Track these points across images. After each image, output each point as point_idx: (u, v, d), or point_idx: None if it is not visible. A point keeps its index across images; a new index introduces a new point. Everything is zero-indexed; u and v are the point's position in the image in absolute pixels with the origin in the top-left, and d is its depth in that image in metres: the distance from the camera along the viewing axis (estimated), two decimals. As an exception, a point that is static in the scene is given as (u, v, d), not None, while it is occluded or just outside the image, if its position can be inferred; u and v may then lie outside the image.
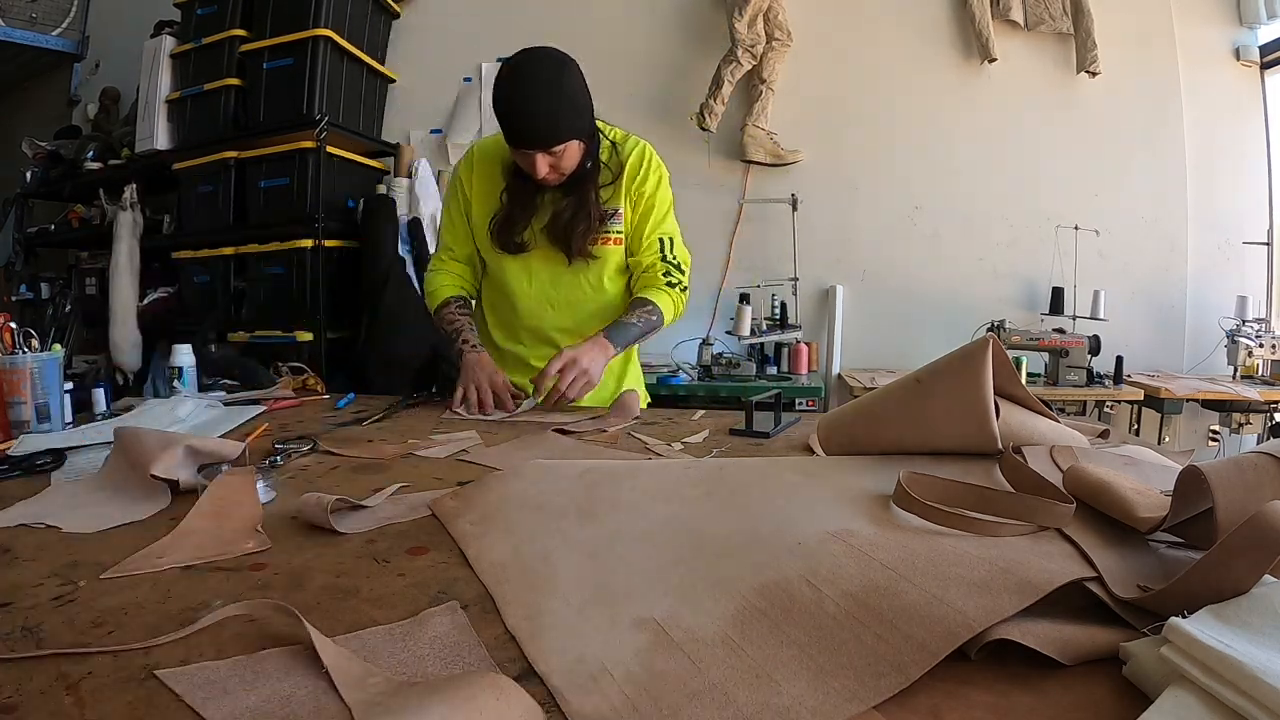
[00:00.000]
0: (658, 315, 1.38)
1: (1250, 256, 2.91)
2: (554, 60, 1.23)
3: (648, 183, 1.41)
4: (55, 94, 4.16)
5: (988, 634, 0.38)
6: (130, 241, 3.14)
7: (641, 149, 1.42)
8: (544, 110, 1.21)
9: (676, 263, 1.45)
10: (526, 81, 1.21)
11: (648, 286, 1.42)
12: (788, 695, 0.36)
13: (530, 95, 1.20)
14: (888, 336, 3.05)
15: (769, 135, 3.03)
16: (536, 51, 1.24)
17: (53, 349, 1.15)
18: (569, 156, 1.26)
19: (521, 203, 1.36)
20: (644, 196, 1.41)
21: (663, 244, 1.44)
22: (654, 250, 1.43)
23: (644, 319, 1.37)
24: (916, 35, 3.02)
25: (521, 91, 1.21)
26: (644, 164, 1.41)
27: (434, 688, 0.35)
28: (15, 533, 0.64)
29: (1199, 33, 2.89)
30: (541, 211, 1.36)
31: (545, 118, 1.21)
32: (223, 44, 3.01)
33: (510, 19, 3.30)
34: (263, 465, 0.87)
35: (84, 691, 0.38)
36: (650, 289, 1.41)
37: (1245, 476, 0.47)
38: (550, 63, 1.23)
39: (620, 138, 1.42)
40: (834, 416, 0.82)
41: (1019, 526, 0.50)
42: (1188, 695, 0.33)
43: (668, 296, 1.41)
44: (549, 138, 1.22)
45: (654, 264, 1.43)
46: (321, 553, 0.59)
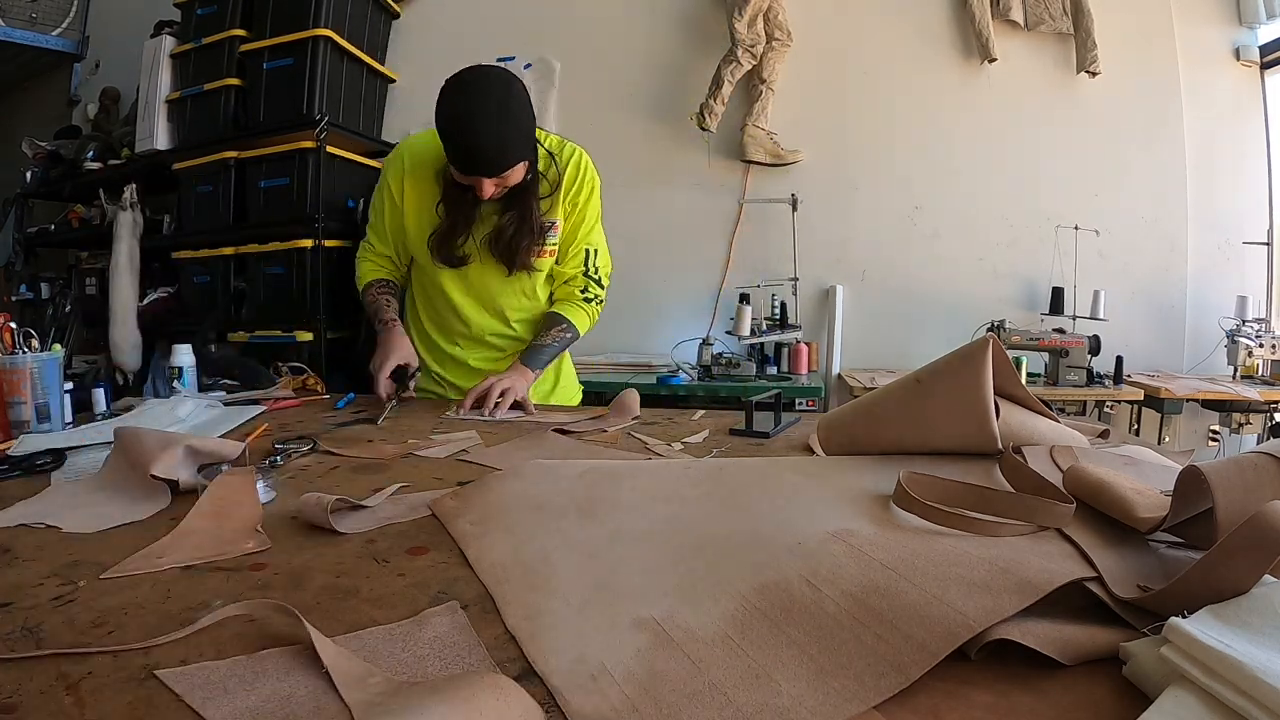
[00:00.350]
0: (572, 332, 1.46)
1: (1250, 256, 2.91)
2: (501, 84, 1.22)
3: (581, 194, 1.42)
4: (55, 94, 4.16)
5: (988, 634, 0.38)
6: (130, 241, 3.14)
7: (578, 159, 1.42)
8: (494, 138, 1.20)
9: (597, 277, 1.49)
10: (475, 109, 1.19)
11: (565, 301, 1.48)
12: (787, 695, 0.36)
13: (481, 125, 1.19)
14: (888, 336, 3.05)
15: (769, 135, 3.03)
16: (482, 74, 1.22)
17: (53, 349, 1.15)
18: (513, 176, 1.27)
19: (462, 215, 1.35)
20: (577, 208, 1.43)
21: (587, 254, 1.47)
22: (578, 261, 1.47)
23: (559, 338, 1.44)
24: (916, 35, 3.02)
25: (471, 121, 1.19)
26: (580, 175, 1.42)
27: (434, 688, 0.35)
28: (15, 533, 0.64)
29: (1199, 33, 2.88)
30: (481, 223, 1.37)
31: (495, 146, 1.21)
32: (223, 44, 3.01)
33: (510, 19, 3.30)
34: (263, 465, 0.87)
35: (84, 691, 0.38)
36: (568, 304, 1.47)
37: (1245, 476, 0.47)
38: (498, 87, 1.21)
39: (556, 145, 1.42)
40: (834, 416, 0.82)
41: (1019, 526, 0.50)
42: (1188, 695, 0.33)
43: (582, 312, 1.47)
44: (499, 165, 1.23)
45: (575, 276, 1.47)
46: (321, 553, 0.59)
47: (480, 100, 1.19)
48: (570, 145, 1.44)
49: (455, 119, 1.20)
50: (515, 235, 1.35)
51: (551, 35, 3.26)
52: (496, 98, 1.20)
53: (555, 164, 1.39)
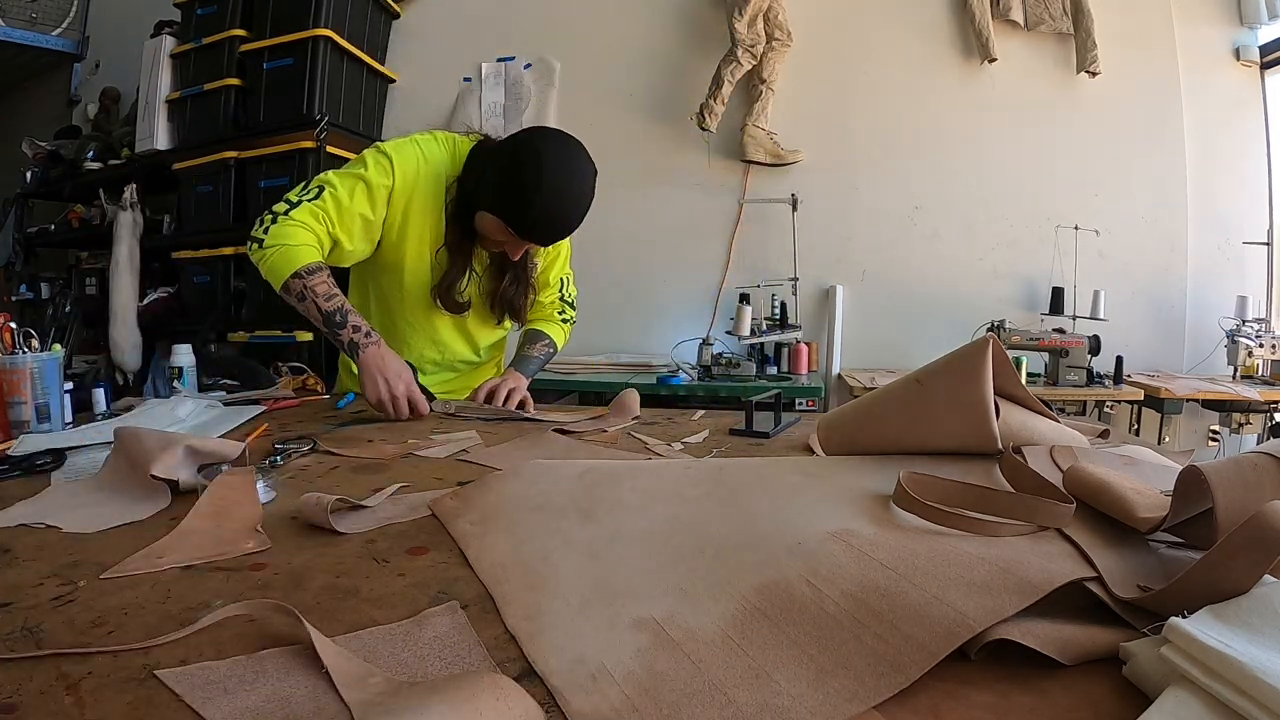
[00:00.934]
0: (553, 348, 1.53)
1: (1250, 256, 2.91)
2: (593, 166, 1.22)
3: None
4: (55, 94, 4.16)
5: (988, 634, 0.38)
6: (130, 241, 3.14)
7: None
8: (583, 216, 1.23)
9: (571, 300, 1.60)
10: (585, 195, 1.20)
11: (544, 320, 1.56)
12: (787, 695, 0.36)
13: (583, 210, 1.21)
14: (888, 336, 3.05)
15: (769, 135, 3.03)
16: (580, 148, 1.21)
17: (53, 349, 1.15)
18: None
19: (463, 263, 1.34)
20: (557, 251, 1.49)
21: (562, 283, 1.56)
22: (555, 290, 1.55)
23: (544, 352, 1.51)
24: (916, 35, 3.02)
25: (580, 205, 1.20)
26: None
27: (434, 688, 0.35)
28: (15, 533, 0.64)
29: (1199, 33, 2.88)
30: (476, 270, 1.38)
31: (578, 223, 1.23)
32: (223, 44, 3.02)
33: (510, 19, 3.30)
34: (263, 465, 0.87)
35: (84, 691, 0.38)
36: (547, 323, 1.55)
37: (1245, 476, 0.47)
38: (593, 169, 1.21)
39: None
40: (834, 416, 0.82)
41: (1019, 526, 0.50)
42: (1188, 695, 0.33)
43: (561, 330, 1.56)
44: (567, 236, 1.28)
45: (553, 302, 1.56)
46: (321, 553, 0.59)
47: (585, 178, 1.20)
48: None
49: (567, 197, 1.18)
50: (516, 294, 1.40)
51: (551, 35, 3.27)
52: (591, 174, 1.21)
53: None
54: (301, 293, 1.19)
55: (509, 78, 3.30)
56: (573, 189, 1.18)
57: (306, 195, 1.24)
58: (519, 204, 1.17)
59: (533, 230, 1.21)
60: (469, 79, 3.36)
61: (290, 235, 1.20)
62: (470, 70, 3.35)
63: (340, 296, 1.22)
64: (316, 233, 1.22)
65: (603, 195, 1.49)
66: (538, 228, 1.21)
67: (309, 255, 1.20)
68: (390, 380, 1.17)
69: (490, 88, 3.32)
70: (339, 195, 1.24)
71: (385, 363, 1.18)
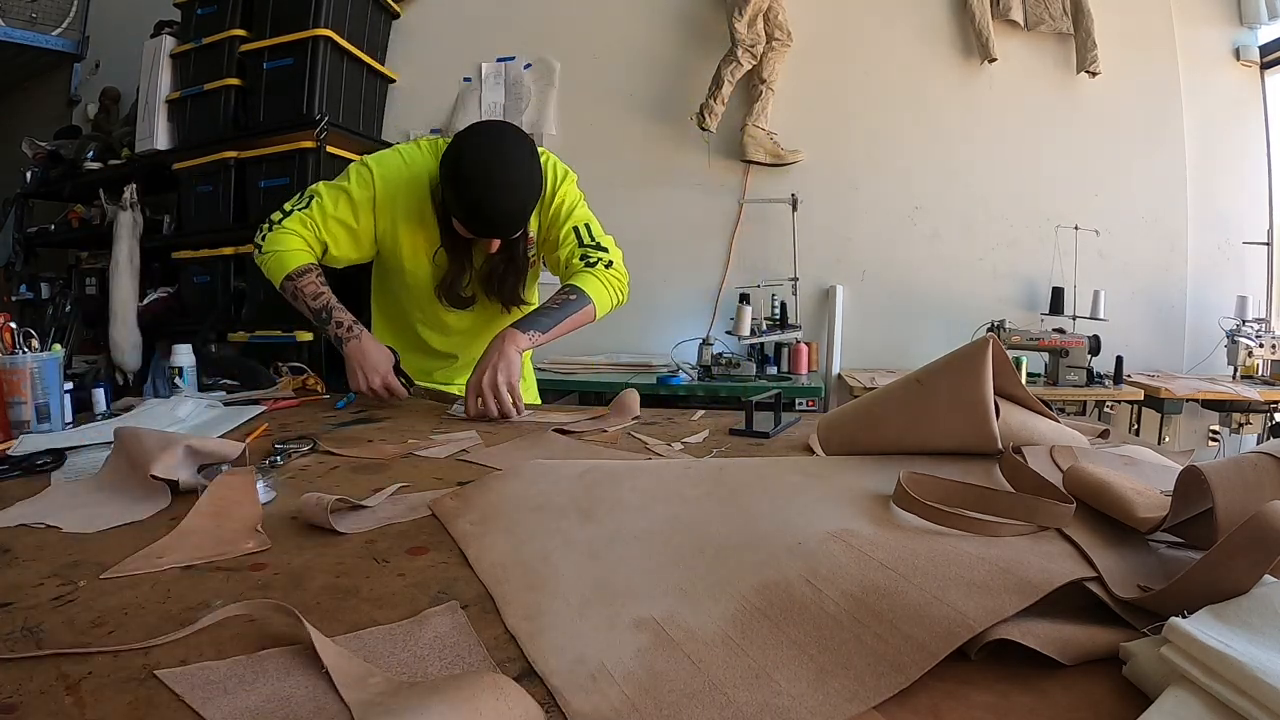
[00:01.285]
0: (578, 295, 1.30)
1: (1250, 256, 2.91)
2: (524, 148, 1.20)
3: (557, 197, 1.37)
4: (55, 94, 4.16)
5: (988, 634, 0.38)
6: (130, 241, 3.14)
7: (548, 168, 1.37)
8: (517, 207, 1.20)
9: (596, 243, 1.37)
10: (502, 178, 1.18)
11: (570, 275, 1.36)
12: (788, 695, 0.36)
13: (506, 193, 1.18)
14: (888, 336, 3.05)
15: (769, 135, 3.04)
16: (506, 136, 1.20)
17: (53, 349, 1.15)
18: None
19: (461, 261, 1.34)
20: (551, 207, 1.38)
21: (578, 232, 1.37)
22: (570, 242, 1.36)
23: (560, 301, 1.29)
24: (916, 35, 3.02)
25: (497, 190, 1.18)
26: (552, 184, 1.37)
27: (434, 688, 0.35)
28: (15, 533, 0.64)
29: (1199, 33, 2.89)
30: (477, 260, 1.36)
31: (519, 214, 1.21)
32: (223, 44, 3.02)
33: (510, 19, 3.30)
34: (262, 465, 0.87)
35: (84, 691, 0.38)
36: (572, 275, 1.35)
37: (1245, 476, 0.47)
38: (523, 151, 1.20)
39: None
40: (834, 417, 0.82)
41: (1019, 527, 0.50)
42: (1188, 695, 0.33)
43: (589, 276, 1.33)
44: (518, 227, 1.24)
45: (571, 251, 1.36)
46: (321, 553, 0.59)
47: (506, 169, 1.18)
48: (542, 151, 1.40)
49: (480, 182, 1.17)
50: (505, 274, 1.36)
51: (551, 35, 3.27)
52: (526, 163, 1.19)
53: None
54: (294, 293, 1.31)
55: (509, 78, 3.30)
56: (494, 178, 1.18)
57: (298, 205, 1.35)
58: (455, 201, 1.21)
59: (473, 224, 1.22)
60: (469, 79, 3.36)
61: (282, 242, 1.31)
62: (470, 70, 3.35)
63: (326, 294, 1.30)
64: (305, 238, 1.33)
65: (603, 195, 1.49)
66: (476, 221, 1.22)
67: (299, 259, 1.31)
68: (367, 372, 1.27)
69: (490, 88, 3.32)
70: (324, 204, 1.33)
71: (364, 355, 1.28)
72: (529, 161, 1.22)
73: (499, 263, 1.35)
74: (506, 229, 1.24)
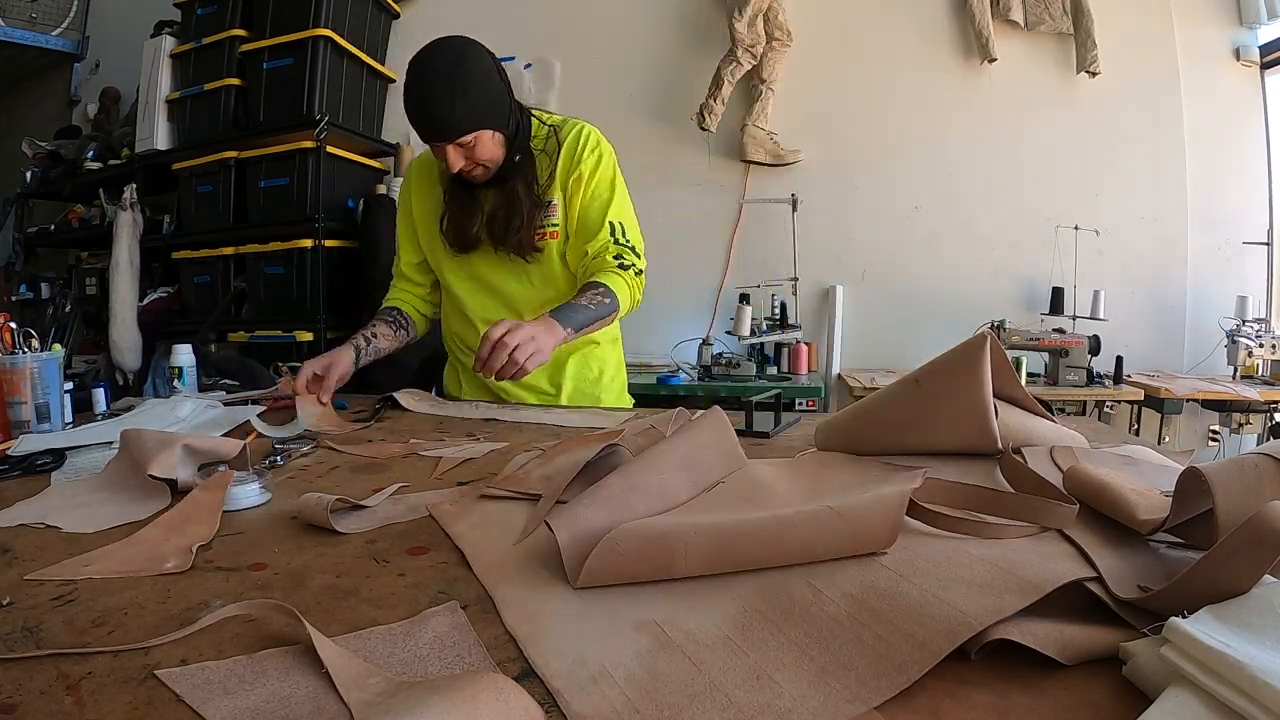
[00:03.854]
0: (610, 298, 1.26)
1: (1250, 256, 2.92)
2: (455, 49, 1.22)
3: (584, 164, 1.33)
4: (55, 94, 4.16)
5: (988, 634, 0.38)
6: (130, 241, 3.14)
7: (579, 132, 1.36)
8: (444, 100, 1.19)
9: (629, 244, 1.35)
10: (427, 73, 1.20)
11: (599, 270, 1.31)
12: (788, 696, 0.36)
13: (430, 87, 1.19)
14: (888, 336, 3.05)
15: (769, 135, 3.04)
16: (439, 42, 1.23)
17: (53, 349, 1.15)
18: (483, 148, 1.24)
19: (461, 202, 1.34)
20: (582, 180, 1.33)
21: (613, 228, 1.34)
22: (605, 235, 1.33)
23: (595, 301, 1.25)
24: (916, 35, 3.02)
25: (422, 84, 1.20)
26: (580, 147, 1.34)
27: (434, 688, 0.35)
28: (15, 533, 0.64)
29: (1199, 33, 2.89)
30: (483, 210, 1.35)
31: (445, 108, 1.19)
32: (223, 44, 3.02)
33: (510, 19, 3.30)
34: (262, 465, 0.87)
35: (84, 691, 0.38)
36: (601, 273, 1.30)
37: (1245, 477, 0.47)
38: (451, 52, 1.21)
39: (559, 122, 1.38)
40: (833, 420, 0.82)
41: (1022, 528, 0.50)
42: (1188, 695, 0.33)
43: (620, 279, 1.30)
44: (452, 129, 1.20)
45: (604, 248, 1.33)
46: (321, 553, 0.59)
47: (431, 65, 1.20)
48: (574, 121, 1.38)
49: (409, 84, 1.21)
50: (506, 217, 1.30)
51: (551, 35, 3.27)
52: (448, 61, 1.20)
53: (556, 138, 1.35)
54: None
55: (509, 78, 3.30)
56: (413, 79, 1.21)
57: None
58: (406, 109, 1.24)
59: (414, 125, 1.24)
60: (469, 79, 3.35)
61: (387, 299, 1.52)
62: (470, 70, 3.34)
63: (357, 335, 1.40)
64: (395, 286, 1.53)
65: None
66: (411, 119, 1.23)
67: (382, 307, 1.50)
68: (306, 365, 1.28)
69: (490, 88, 3.32)
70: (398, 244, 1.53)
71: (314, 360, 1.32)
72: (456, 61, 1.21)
73: (499, 205, 1.32)
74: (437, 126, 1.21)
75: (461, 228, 1.35)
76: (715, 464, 0.67)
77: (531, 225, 1.31)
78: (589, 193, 1.34)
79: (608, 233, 1.33)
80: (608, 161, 1.37)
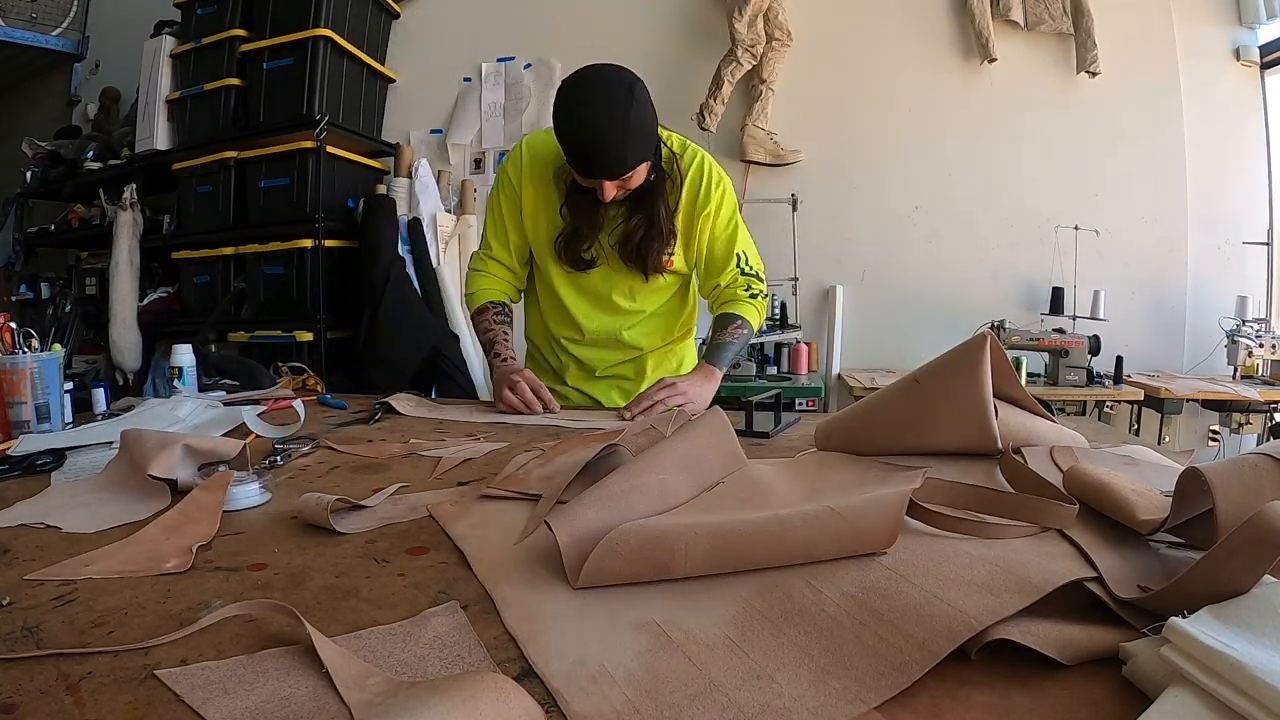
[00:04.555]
0: (747, 328, 1.41)
1: (1250, 256, 2.92)
2: (624, 85, 1.17)
3: (711, 201, 1.36)
4: (55, 94, 4.16)
5: (988, 634, 0.38)
6: (130, 241, 3.14)
7: (700, 161, 1.36)
8: (616, 143, 1.16)
9: (755, 273, 1.45)
10: (598, 113, 1.15)
11: (731, 301, 1.43)
12: (788, 696, 0.36)
13: (603, 129, 1.15)
14: (888, 336, 3.05)
15: (769, 135, 3.04)
16: (605, 77, 1.17)
17: (53, 349, 1.15)
18: (636, 177, 1.23)
19: (587, 219, 1.31)
20: (709, 217, 1.37)
21: (739, 258, 1.43)
22: (733, 267, 1.42)
23: (737, 335, 1.39)
24: (916, 35, 3.02)
25: (594, 125, 1.15)
26: (704, 180, 1.36)
27: (434, 688, 0.35)
28: (15, 533, 0.64)
29: (1199, 33, 2.89)
30: (608, 225, 1.33)
31: (617, 149, 1.17)
32: (223, 44, 3.02)
33: (510, 19, 3.30)
34: (262, 465, 0.87)
35: (84, 691, 0.38)
36: (735, 303, 1.42)
37: (1245, 477, 0.47)
38: (621, 89, 1.16)
39: (679, 146, 1.36)
40: (833, 420, 0.82)
41: (1023, 528, 0.50)
42: (1188, 695, 0.33)
43: (752, 308, 1.42)
44: (619, 169, 1.19)
45: (734, 280, 1.43)
46: (321, 553, 0.59)
47: (603, 104, 1.15)
48: (694, 148, 1.38)
49: (576, 121, 1.16)
50: (645, 239, 1.32)
51: (551, 35, 3.26)
52: (620, 103, 1.15)
53: (677, 165, 1.33)
54: (476, 329, 1.45)
55: (509, 78, 3.30)
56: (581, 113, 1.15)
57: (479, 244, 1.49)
58: (561, 141, 1.20)
59: (572, 162, 1.21)
60: (469, 79, 3.36)
61: (470, 284, 1.47)
62: (470, 70, 3.35)
63: (494, 332, 1.40)
64: (487, 272, 1.45)
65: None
66: (572, 159, 1.20)
67: (479, 299, 1.44)
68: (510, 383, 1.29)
69: (490, 88, 3.32)
70: (488, 224, 1.45)
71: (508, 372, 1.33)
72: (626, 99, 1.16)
73: (637, 226, 1.32)
74: (603, 167, 1.19)
75: (579, 247, 1.34)
76: (715, 464, 0.67)
77: (664, 249, 1.35)
78: (717, 227, 1.40)
79: (734, 264, 1.42)
80: (730, 195, 1.41)
